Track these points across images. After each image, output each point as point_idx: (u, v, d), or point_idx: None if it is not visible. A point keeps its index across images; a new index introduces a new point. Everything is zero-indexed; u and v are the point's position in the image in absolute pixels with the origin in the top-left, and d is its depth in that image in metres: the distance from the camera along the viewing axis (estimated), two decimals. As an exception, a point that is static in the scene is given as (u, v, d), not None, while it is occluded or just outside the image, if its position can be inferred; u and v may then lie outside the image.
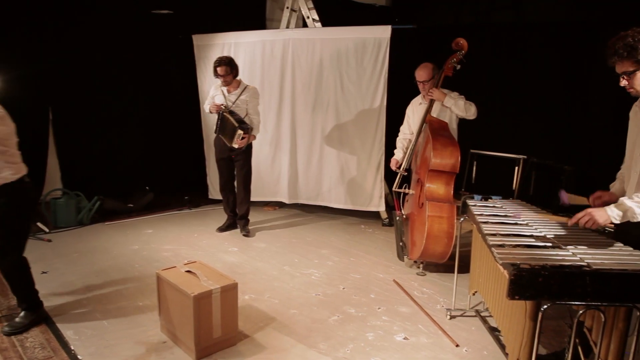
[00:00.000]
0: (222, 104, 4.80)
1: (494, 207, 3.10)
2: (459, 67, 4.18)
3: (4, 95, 5.10)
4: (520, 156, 5.46)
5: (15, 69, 5.42)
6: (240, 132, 4.65)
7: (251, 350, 2.94)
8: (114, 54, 6.17)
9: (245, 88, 4.85)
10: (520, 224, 2.66)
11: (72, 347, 2.93)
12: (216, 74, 4.71)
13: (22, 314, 3.17)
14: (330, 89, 5.55)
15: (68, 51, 5.82)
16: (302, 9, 5.81)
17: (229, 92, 4.85)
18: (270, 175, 5.97)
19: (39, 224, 5.21)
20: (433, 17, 6.75)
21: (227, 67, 4.67)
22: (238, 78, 4.85)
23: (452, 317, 3.37)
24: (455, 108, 4.21)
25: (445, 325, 3.26)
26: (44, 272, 4.04)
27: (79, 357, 2.83)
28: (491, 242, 2.33)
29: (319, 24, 5.73)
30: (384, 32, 5.20)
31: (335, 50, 5.44)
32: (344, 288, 3.86)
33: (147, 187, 6.17)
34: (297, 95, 5.71)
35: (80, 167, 6.18)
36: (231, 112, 4.75)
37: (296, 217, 5.87)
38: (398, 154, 4.64)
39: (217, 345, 2.90)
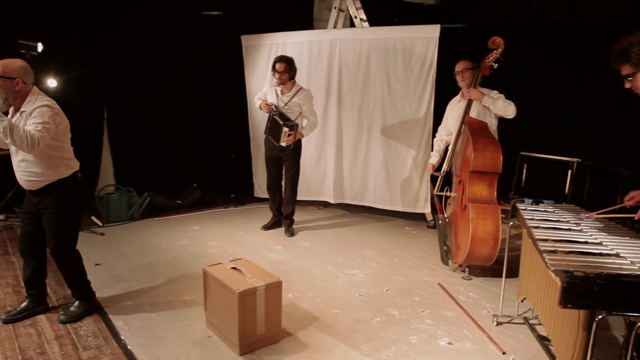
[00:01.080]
0: (273, 104, 4.85)
1: (545, 211, 3.00)
2: (496, 66, 4.09)
3: (63, 94, 5.35)
4: (574, 159, 5.26)
5: (73, 69, 5.68)
6: (285, 129, 4.69)
7: (294, 348, 2.96)
8: (165, 54, 6.36)
9: (298, 90, 4.86)
10: (574, 230, 2.56)
11: (122, 337, 3.03)
12: (274, 70, 4.75)
13: (76, 303, 3.30)
14: (377, 89, 5.51)
15: (122, 52, 6.04)
16: (349, 9, 5.81)
17: (282, 93, 4.89)
18: (316, 174, 6.00)
19: (93, 217, 5.42)
20: (484, 15, 6.60)
21: (286, 65, 4.72)
22: (294, 80, 4.87)
23: (498, 323, 3.27)
24: (494, 107, 4.12)
25: (492, 332, 3.17)
26: (97, 264, 4.21)
27: (128, 347, 2.93)
28: (542, 248, 2.25)
29: (366, 24, 5.71)
30: (432, 32, 5.12)
31: (382, 50, 5.40)
32: (387, 290, 3.82)
33: (194, 185, 6.32)
34: (343, 95, 5.71)
35: (132, 164, 6.42)
36: (281, 115, 4.78)
37: (340, 217, 5.86)
38: (434, 157, 4.59)
39: (261, 342, 2.94)
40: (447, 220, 4.41)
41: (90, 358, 2.80)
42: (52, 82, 5.14)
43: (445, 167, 4.36)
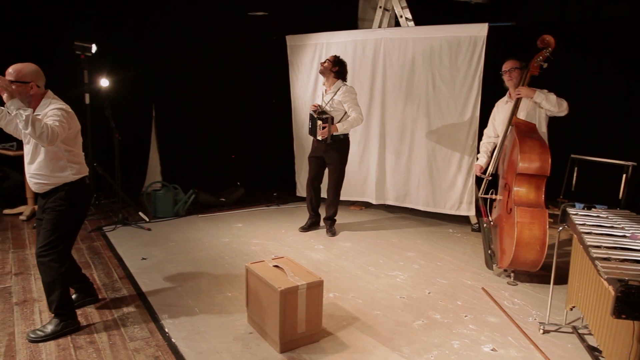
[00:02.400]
0: (318, 104, 4.89)
1: (598, 217, 2.88)
2: (545, 65, 3.96)
3: (115, 94, 5.56)
4: (629, 163, 5.03)
5: (124, 70, 5.88)
6: (319, 122, 4.74)
7: (334, 348, 2.96)
8: (211, 54, 6.50)
9: (340, 87, 4.86)
10: (630, 237, 2.45)
11: (167, 330, 3.11)
12: (321, 67, 4.88)
13: (51, 320, 3.05)
14: (422, 89, 5.43)
15: (170, 53, 6.21)
16: (395, 8, 5.76)
17: (326, 92, 4.94)
18: (358, 175, 5.97)
19: (140, 213, 5.59)
20: (534, 13, 6.41)
21: (334, 58, 4.85)
22: (338, 80, 4.88)
23: (545, 331, 3.17)
24: (547, 103, 4.00)
25: (538, 340, 3.07)
26: (143, 259, 4.33)
27: (172, 340, 3.00)
28: (595, 255, 2.17)
29: (411, 23, 5.64)
30: (480, 30, 5.01)
31: (428, 49, 5.33)
32: (429, 293, 3.77)
33: (238, 183, 6.42)
34: (387, 95, 5.66)
35: (178, 162, 6.59)
36: (320, 112, 4.80)
37: (382, 218, 5.82)
38: (481, 159, 4.48)
39: (301, 341, 2.95)
40: (492, 223, 4.30)
41: (136, 349, 2.89)
42: (104, 82, 5.32)
43: (491, 169, 4.26)
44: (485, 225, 4.34)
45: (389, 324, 3.25)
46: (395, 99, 5.62)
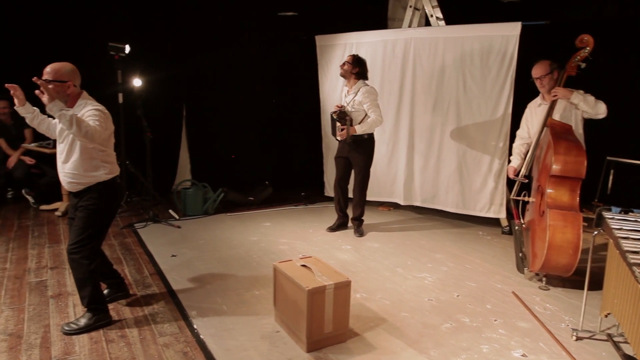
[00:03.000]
0: (340, 105, 4.88)
1: (636, 221, 2.79)
2: (584, 65, 3.84)
3: (147, 93, 5.67)
4: (669, 166, 4.86)
5: (157, 70, 5.99)
6: (338, 124, 4.77)
7: (360, 348, 2.95)
8: (241, 54, 6.56)
9: (360, 88, 4.83)
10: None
11: (195, 327, 3.15)
12: (341, 70, 4.87)
13: (84, 314, 3.12)
14: (452, 89, 5.37)
15: (201, 53, 6.30)
16: (425, 8, 5.70)
17: (347, 93, 4.93)
18: (387, 175, 5.94)
19: (170, 211, 5.68)
20: (570, 10, 6.24)
21: (353, 58, 4.83)
22: (359, 80, 4.86)
23: (578, 338, 3.09)
24: (585, 104, 3.88)
25: (570, 347, 2.99)
26: (173, 256, 4.40)
27: (201, 336, 3.04)
28: (632, 260, 2.10)
29: (442, 23, 5.58)
30: (512, 30, 4.92)
31: (459, 49, 5.26)
32: (458, 296, 3.71)
33: (267, 182, 6.45)
34: (416, 95, 5.61)
35: (207, 161, 6.67)
36: (340, 113, 4.79)
37: (410, 219, 5.77)
38: (515, 160, 4.38)
39: (328, 340, 2.95)
40: (523, 226, 4.22)
41: (165, 344, 2.94)
42: (137, 82, 5.43)
43: (524, 170, 4.17)
44: (517, 227, 4.26)
45: (417, 326, 3.22)
46: (424, 99, 5.56)
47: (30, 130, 5.82)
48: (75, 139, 2.98)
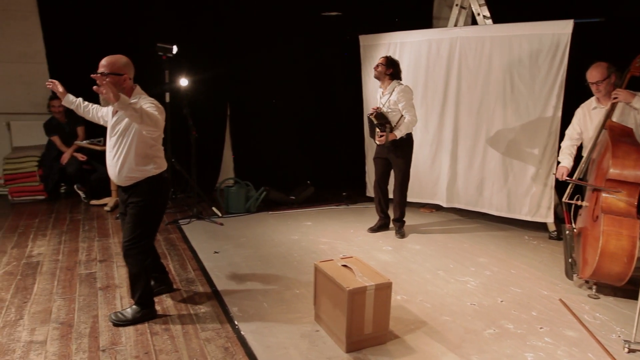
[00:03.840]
0: (377, 107, 4.86)
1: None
2: None
3: (193, 93, 5.80)
4: None
5: (202, 70, 6.12)
6: (377, 130, 4.75)
7: (400, 351, 2.91)
8: (285, 54, 6.61)
9: (395, 87, 4.79)
10: None
11: (236, 323, 3.19)
12: (375, 72, 4.85)
13: (132, 306, 3.20)
14: (499, 89, 5.23)
15: (246, 53, 6.39)
16: (472, 6, 5.58)
17: (382, 94, 4.90)
18: (429, 176, 5.85)
19: (213, 208, 5.78)
20: (628, 6, 5.96)
21: (386, 59, 4.81)
22: (393, 80, 4.83)
23: (631, 350, 2.95)
24: None
25: (621, 359, 2.87)
26: (216, 252, 4.48)
27: (241, 332, 3.08)
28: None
29: (489, 21, 5.45)
30: (564, 28, 4.75)
31: (506, 48, 5.12)
32: (502, 301, 3.62)
33: (308, 182, 6.48)
34: (462, 95, 5.50)
35: (250, 159, 6.76)
36: (378, 115, 4.76)
37: (453, 222, 5.67)
38: (565, 160, 4.22)
39: (367, 342, 2.93)
40: (575, 231, 4.06)
41: (207, 339, 2.99)
42: (183, 82, 5.56)
43: (577, 174, 4.02)
44: (567, 232, 4.10)
45: (459, 331, 3.16)
46: (470, 100, 5.45)
47: (83, 127, 6.05)
48: (129, 133, 3.02)
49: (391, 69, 4.80)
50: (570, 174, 4.10)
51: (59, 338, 2.98)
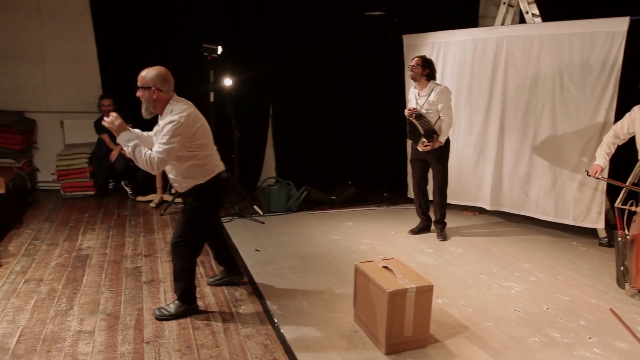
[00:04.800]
0: (414, 107, 4.78)
1: None
2: None
3: (237, 92, 5.90)
4: None
5: (246, 70, 6.20)
6: (423, 139, 4.65)
7: (441, 355, 2.86)
8: (327, 54, 6.62)
9: (434, 88, 4.71)
10: None
11: (276, 321, 3.22)
12: (411, 73, 4.76)
13: (174, 302, 3.28)
14: (547, 90, 5.06)
15: (288, 53, 6.44)
16: (520, 4, 5.42)
17: (419, 94, 4.81)
18: (473, 179, 5.73)
19: (255, 207, 5.85)
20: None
21: (421, 59, 4.71)
22: (430, 81, 4.74)
23: (687, 364, 2.80)
24: None
25: (678, 373, 2.73)
26: (256, 250, 4.53)
27: (281, 330, 3.10)
28: None
29: (538, 19, 5.28)
30: (619, 25, 4.55)
31: (556, 47, 4.95)
32: (548, 308, 3.50)
33: (349, 182, 6.46)
34: (508, 95, 5.36)
35: (292, 159, 6.80)
36: (418, 117, 4.68)
37: (497, 225, 5.52)
38: (600, 159, 4.06)
39: (407, 344, 2.90)
40: (627, 238, 3.88)
41: (247, 335, 3.03)
42: (227, 82, 5.65)
43: (631, 178, 3.85)
44: (619, 239, 3.92)
45: (502, 338, 3.08)
46: (517, 101, 5.30)
47: (131, 126, 6.18)
48: None
49: (427, 70, 4.72)
50: (620, 178, 3.93)
51: (106, 329, 3.08)
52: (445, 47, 5.76)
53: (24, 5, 6.06)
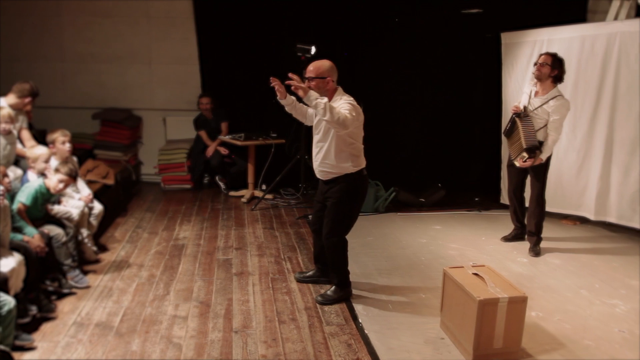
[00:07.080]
0: (523, 106, 4.45)
1: None
2: None
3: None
4: None
5: (339, 69, 6.22)
6: (524, 154, 4.28)
7: (534, 372, 2.70)
8: (422, 54, 6.49)
9: (555, 96, 4.26)
10: None
11: (360, 321, 3.21)
12: (535, 63, 4.35)
13: (332, 288, 3.52)
14: (666, 91, 4.61)
15: (382, 52, 6.40)
16: (638, -3, 4.98)
17: (536, 94, 4.40)
18: (575, 186, 5.34)
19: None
20: None
21: (551, 58, 4.26)
22: (555, 85, 4.30)
23: None
24: None
25: None
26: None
27: (365, 331, 3.09)
28: None
29: (659, 14, 4.82)
30: None
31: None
32: (659, 331, 3.19)
33: (439, 184, 6.29)
34: (619, 97, 4.93)
35: (381, 159, 6.72)
36: (524, 120, 4.34)
37: (601, 237, 5.10)
38: None
39: (496, 357, 2.77)
40: None
41: (331, 333, 3.05)
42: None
43: None
44: None
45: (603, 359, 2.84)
46: (629, 103, 4.86)
47: (227, 123, 6.51)
48: (330, 131, 3.26)
49: (556, 71, 4.27)
50: None
51: (198, 316, 3.24)
52: (548, 45, 5.40)
53: (135, 11, 6.52)
